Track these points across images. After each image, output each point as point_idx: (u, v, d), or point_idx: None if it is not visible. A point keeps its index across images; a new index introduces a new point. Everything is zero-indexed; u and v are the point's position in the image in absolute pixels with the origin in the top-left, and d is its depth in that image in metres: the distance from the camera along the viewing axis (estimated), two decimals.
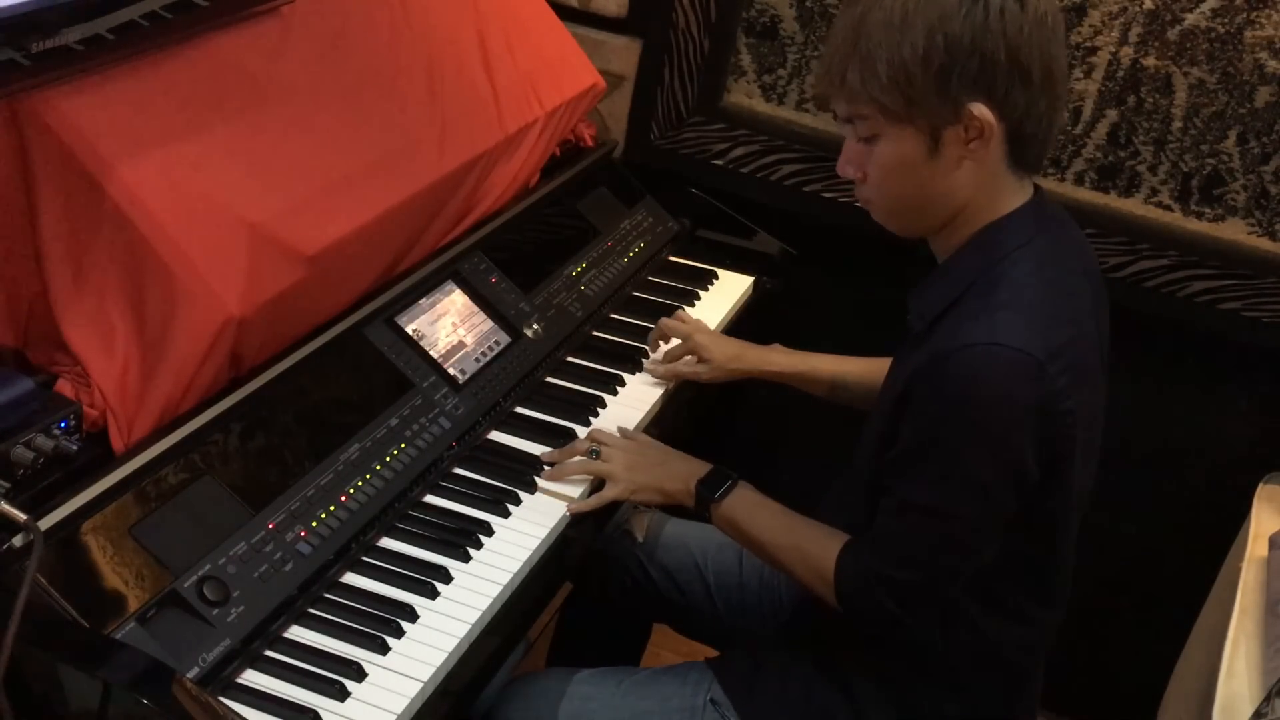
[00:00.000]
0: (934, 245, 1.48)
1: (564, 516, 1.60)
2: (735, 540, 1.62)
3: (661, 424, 1.86)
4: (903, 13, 1.31)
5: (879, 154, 1.39)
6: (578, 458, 1.66)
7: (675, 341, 1.94)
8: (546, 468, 1.66)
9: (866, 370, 1.83)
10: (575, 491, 1.64)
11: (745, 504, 1.59)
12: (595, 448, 1.66)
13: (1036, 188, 1.46)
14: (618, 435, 1.72)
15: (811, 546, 1.51)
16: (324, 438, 1.51)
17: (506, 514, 1.58)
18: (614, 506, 1.66)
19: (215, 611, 1.29)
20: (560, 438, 1.73)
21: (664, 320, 1.94)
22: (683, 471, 1.63)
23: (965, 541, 1.40)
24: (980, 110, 1.33)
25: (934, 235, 1.47)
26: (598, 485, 1.65)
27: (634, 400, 1.86)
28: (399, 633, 1.38)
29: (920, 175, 1.38)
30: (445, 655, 1.37)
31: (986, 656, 1.53)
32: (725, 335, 1.99)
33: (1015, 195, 1.42)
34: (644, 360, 1.93)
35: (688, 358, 1.90)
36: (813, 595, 1.52)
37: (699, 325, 1.95)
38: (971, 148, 1.36)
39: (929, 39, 1.30)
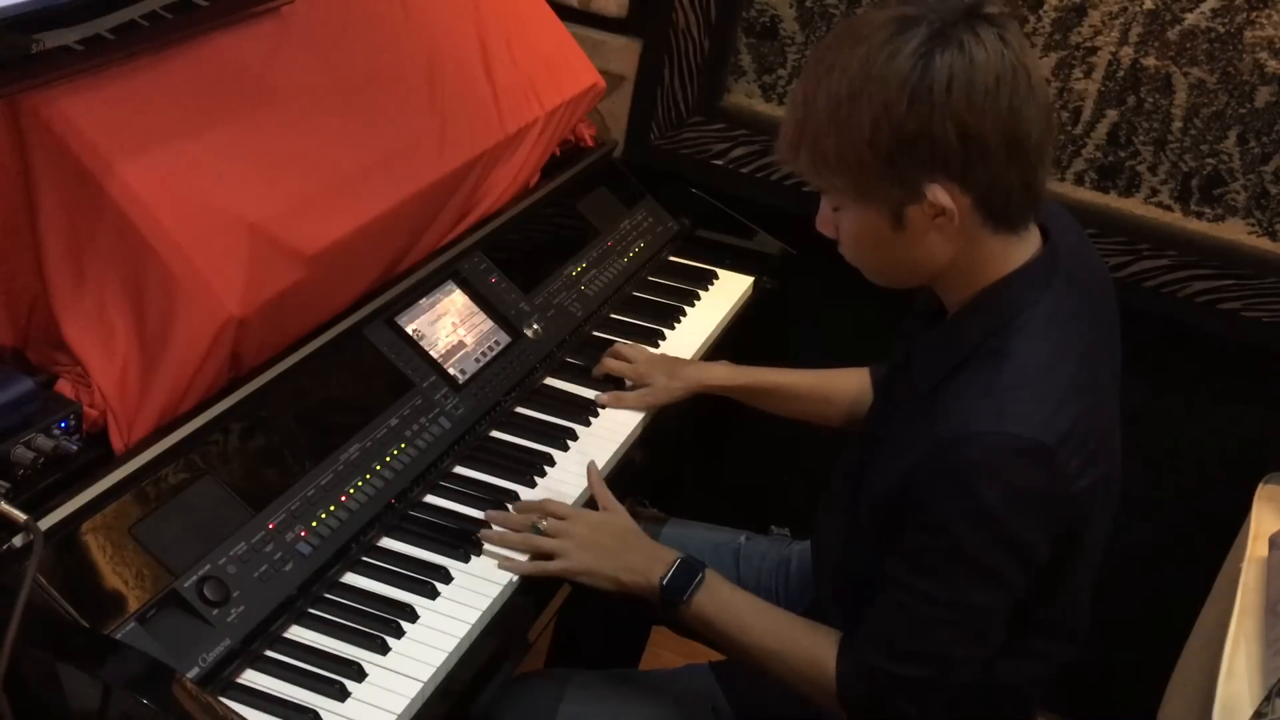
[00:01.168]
0: (938, 293, 1.40)
1: None
2: (707, 639, 1.50)
3: (661, 423, 1.85)
4: (849, 92, 1.23)
5: (846, 224, 1.33)
6: (520, 533, 1.53)
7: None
8: (486, 530, 1.54)
9: (817, 383, 1.80)
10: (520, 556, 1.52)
11: (718, 603, 1.46)
12: (541, 523, 1.53)
13: (1046, 232, 1.37)
14: (577, 510, 1.58)
15: (803, 649, 1.42)
16: (324, 438, 1.51)
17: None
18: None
19: (215, 611, 1.29)
20: (560, 438, 1.73)
21: (605, 360, 1.87)
22: (641, 565, 1.49)
23: (979, 630, 1.34)
24: (934, 193, 1.24)
25: (934, 285, 1.39)
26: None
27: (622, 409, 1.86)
28: (399, 633, 1.38)
29: (890, 246, 1.31)
30: (445, 655, 1.37)
31: (998, 690, 1.49)
32: (669, 356, 1.93)
33: (1015, 250, 1.33)
34: (598, 399, 1.83)
35: (638, 390, 1.84)
36: (806, 698, 1.44)
37: (640, 354, 1.89)
38: (938, 223, 1.27)
39: (874, 125, 1.22)
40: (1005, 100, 1.22)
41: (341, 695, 1.29)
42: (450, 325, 1.76)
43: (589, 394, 1.84)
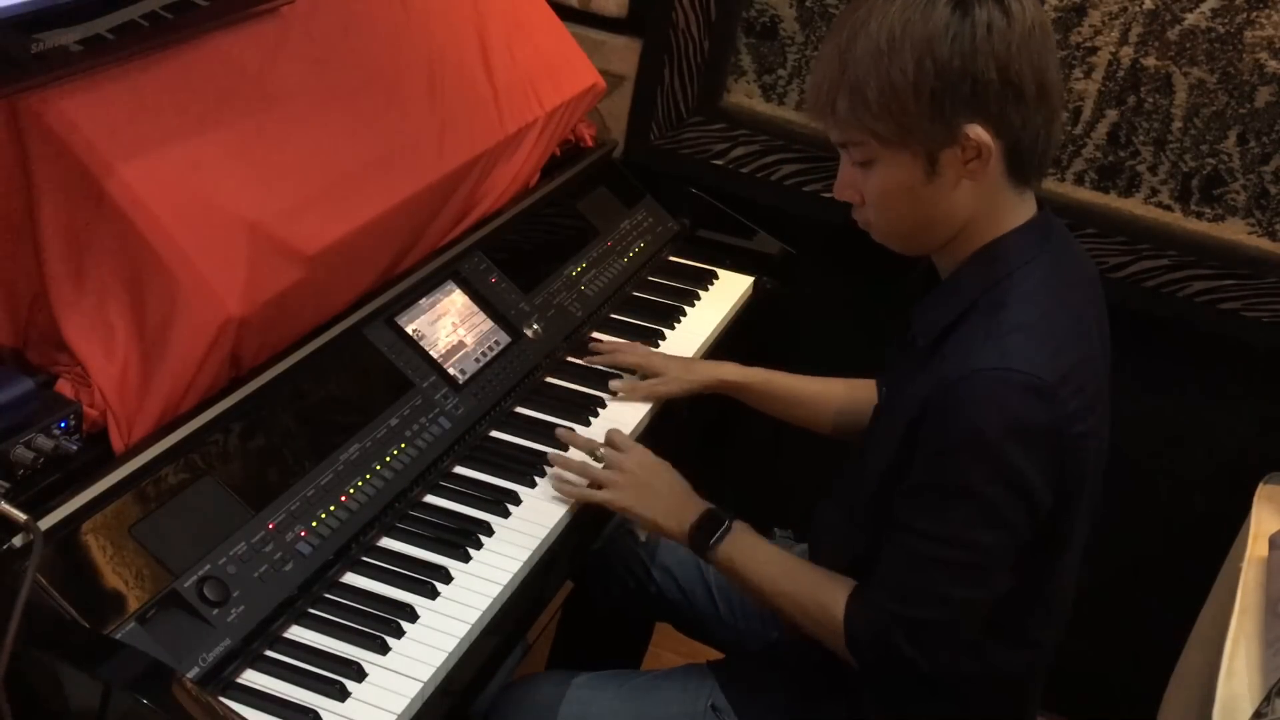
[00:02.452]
0: (937, 261, 1.46)
1: (564, 517, 1.60)
2: (733, 585, 1.59)
3: (662, 423, 1.85)
4: (889, 39, 1.29)
5: (876, 179, 1.37)
6: (584, 458, 1.65)
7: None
8: (554, 453, 1.66)
9: (823, 392, 1.81)
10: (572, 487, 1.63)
11: (743, 550, 1.54)
12: (603, 451, 1.65)
13: (1040, 204, 1.43)
14: (635, 445, 1.68)
15: (816, 593, 1.47)
16: (324, 438, 1.51)
17: (506, 514, 1.58)
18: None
19: (215, 611, 1.29)
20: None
21: (617, 353, 1.91)
22: (679, 511, 1.58)
23: (983, 573, 1.36)
24: (976, 132, 1.30)
25: (937, 255, 1.45)
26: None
27: (634, 400, 1.86)
28: (399, 633, 1.38)
29: (919, 198, 1.36)
30: (445, 655, 1.37)
31: (994, 680, 1.51)
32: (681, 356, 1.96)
33: (1018, 211, 1.39)
34: (612, 385, 1.86)
35: (650, 379, 1.87)
36: (818, 642, 1.48)
37: (652, 350, 1.94)
38: (970, 168, 1.33)
39: (918, 65, 1.28)
40: (1037, 49, 1.30)
41: (341, 695, 1.29)
42: (450, 325, 1.76)
43: (589, 393, 1.84)
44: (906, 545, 1.38)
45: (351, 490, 1.49)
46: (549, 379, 1.87)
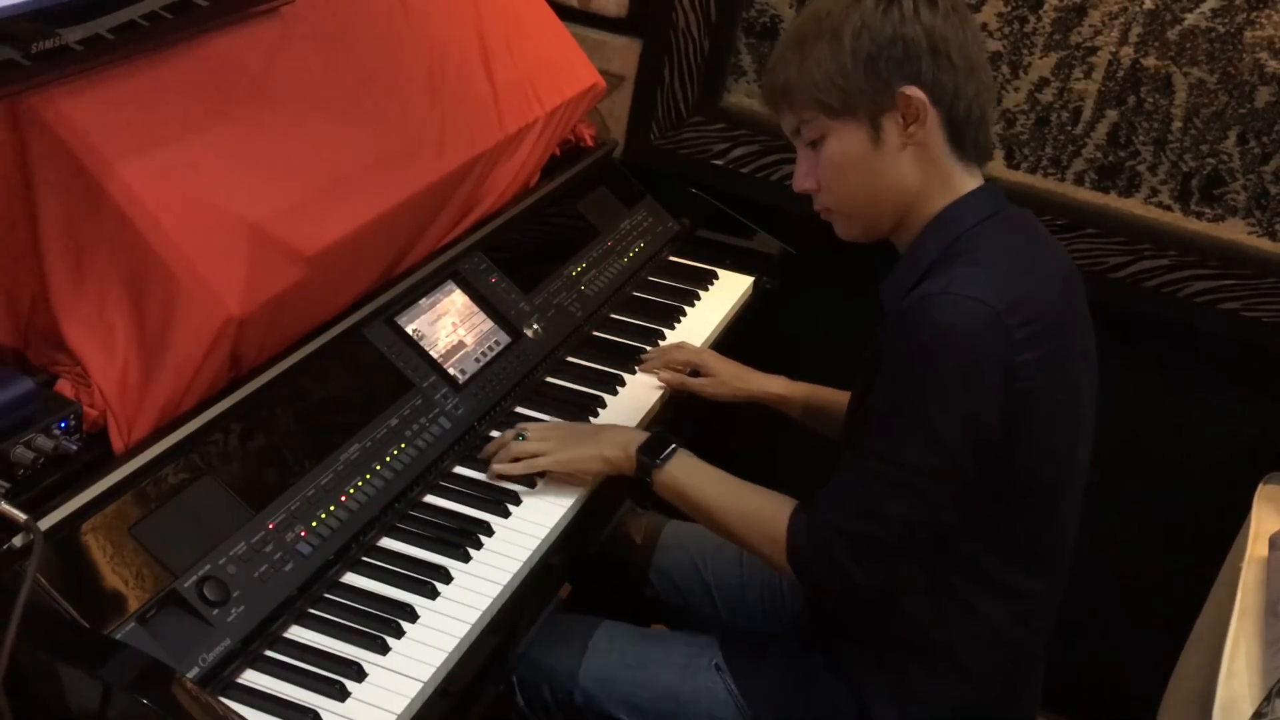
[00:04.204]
0: (897, 243, 1.53)
1: (564, 517, 1.60)
2: (681, 508, 1.62)
3: (662, 423, 1.85)
4: (831, 24, 1.43)
5: (827, 154, 1.47)
6: (504, 447, 1.65)
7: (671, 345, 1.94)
8: (487, 460, 1.65)
9: None
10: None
11: (688, 469, 1.59)
12: (521, 433, 1.65)
13: (989, 181, 1.50)
14: (545, 421, 1.73)
15: (762, 509, 1.52)
16: (324, 438, 1.51)
17: (506, 514, 1.58)
18: (613, 506, 1.65)
19: (215, 611, 1.29)
20: None
21: (667, 350, 1.95)
22: (621, 439, 1.63)
23: (919, 493, 1.41)
24: (912, 91, 1.41)
25: (895, 234, 1.51)
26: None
27: (634, 400, 1.86)
28: (399, 633, 1.38)
29: (868, 167, 1.46)
30: (445, 655, 1.37)
31: (983, 637, 1.52)
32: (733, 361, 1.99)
33: (967, 180, 1.48)
34: (642, 358, 1.92)
35: (698, 379, 1.90)
36: (766, 563, 1.53)
37: (705, 349, 1.98)
38: (911, 131, 1.43)
39: (855, 37, 1.42)
40: (957, 26, 1.43)
41: (341, 695, 1.29)
42: (450, 325, 1.76)
43: (590, 393, 1.84)
44: (853, 463, 1.45)
45: (351, 490, 1.49)
46: (549, 379, 1.87)
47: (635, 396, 1.87)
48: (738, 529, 1.55)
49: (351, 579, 1.45)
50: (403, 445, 1.58)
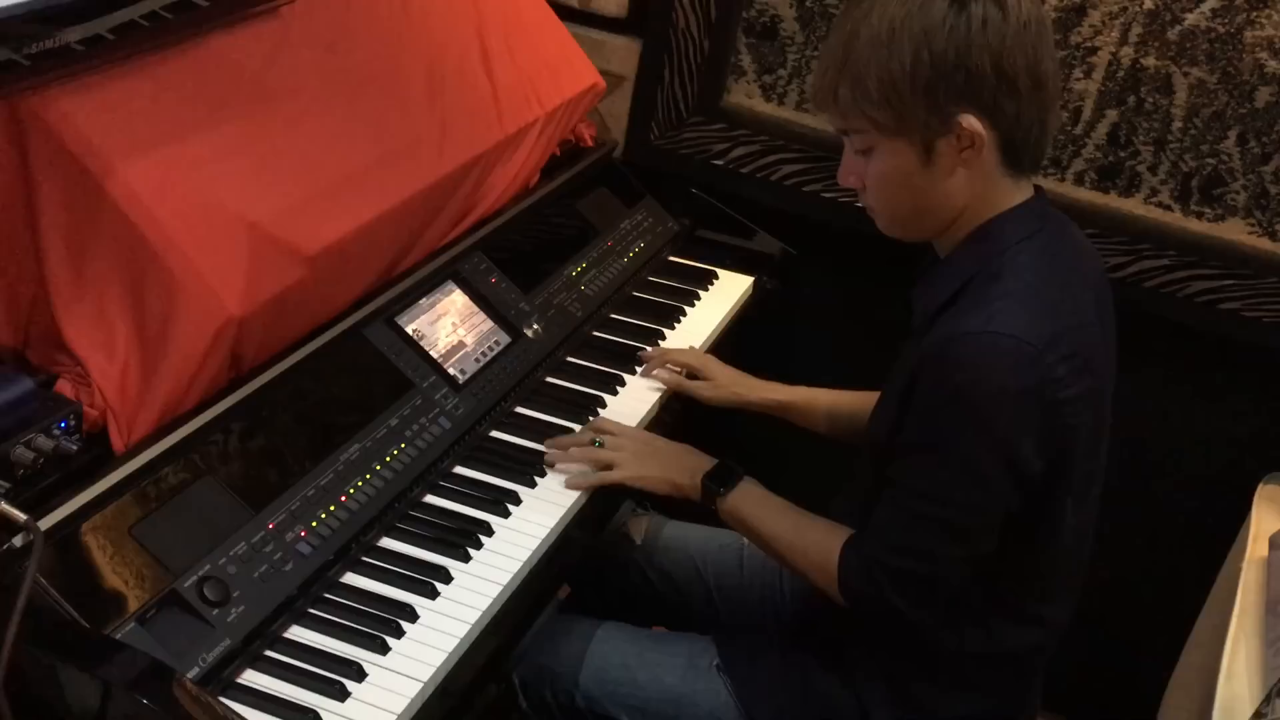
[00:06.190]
0: (936, 245, 1.50)
1: (564, 517, 1.60)
2: (741, 534, 1.64)
3: (661, 424, 1.85)
4: (889, 31, 1.34)
5: (875, 165, 1.42)
6: (580, 447, 1.67)
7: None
8: (551, 451, 1.67)
9: (862, 403, 1.82)
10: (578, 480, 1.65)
11: (752, 499, 1.60)
12: (599, 438, 1.67)
13: (1038, 189, 1.47)
14: (623, 425, 1.74)
15: (819, 543, 1.52)
16: (324, 438, 1.51)
17: (506, 514, 1.58)
18: (614, 506, 1.66)
19: (215, 611, 1.29)
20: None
21: (669, 350, 1.95)
22: (690, 465, 1.64)
23: (963, 530, 1.40)
24: (970, 122, 1.35)
25: (936, 238, 1.49)
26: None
27: (634, 400, 1.86)
28: (399, 633, 1.38)
29: (916, 184, 1.41)
30: (445, 655, 1.37)
31: (998, 658, 1.53)
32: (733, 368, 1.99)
33: (1013, 195, 1.44)
34: (641, 356, 1.92)
35: (695, 381, 1.90)
36: (818, 591, 1.53)
37: (707, 354, 1.98)
38: (964, 156, 1.38)
39: (915, 56, 1.33)
40: (1031, 43, 1.35)
41: (341, 695, 1.29)
42: (450, 325, 1.76)
43: (590, 393, 1.84)
44: (897, 501, 1.44)
45: (351, 490, 1.49)
46: (549, 379, 1.86)
47: (636, 397, 1.87)
48: (794, 559, 1.56)
49: (351, 579, 1.45)
50: (403, 445, 1.58)
